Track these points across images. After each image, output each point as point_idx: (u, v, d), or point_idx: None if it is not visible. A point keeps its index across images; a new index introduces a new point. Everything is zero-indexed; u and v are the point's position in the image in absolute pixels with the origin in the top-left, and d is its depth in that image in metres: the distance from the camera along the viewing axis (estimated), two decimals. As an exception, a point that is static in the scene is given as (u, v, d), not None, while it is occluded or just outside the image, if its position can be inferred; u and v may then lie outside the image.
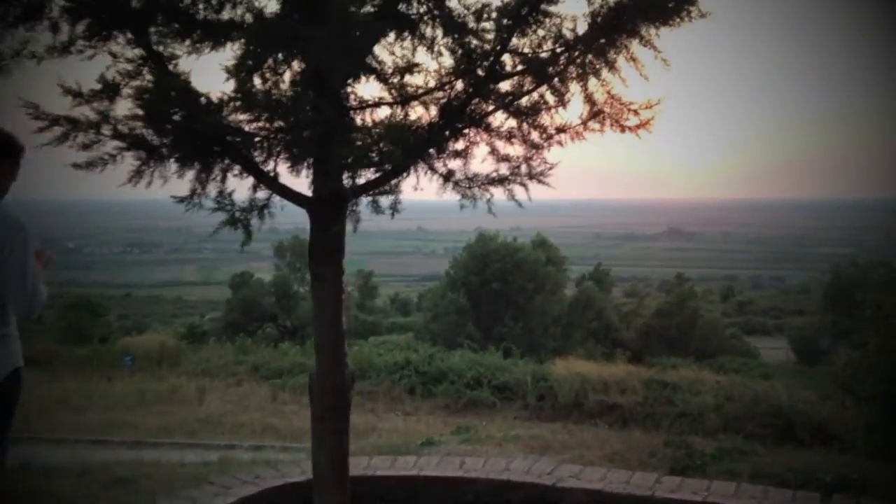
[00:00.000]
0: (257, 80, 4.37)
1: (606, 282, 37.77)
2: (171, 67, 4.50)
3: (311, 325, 18.96)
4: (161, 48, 4.49)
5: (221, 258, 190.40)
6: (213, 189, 5.03)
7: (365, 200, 5.53)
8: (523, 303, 26.08)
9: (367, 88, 4.95)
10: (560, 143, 5.31)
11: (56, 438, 12.70)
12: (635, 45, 4.76)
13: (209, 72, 4.54)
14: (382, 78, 4.68)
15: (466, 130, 5.20)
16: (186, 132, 4.48)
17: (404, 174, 5.38)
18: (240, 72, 4.19)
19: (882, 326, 10.62)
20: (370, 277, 56.60)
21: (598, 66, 4.87)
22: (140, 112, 4.42)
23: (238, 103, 4.29)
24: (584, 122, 5.23)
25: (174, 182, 4.83)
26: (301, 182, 5.17)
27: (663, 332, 30.69)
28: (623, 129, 5.12)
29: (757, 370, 26.88)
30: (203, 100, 4.41)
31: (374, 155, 4.79)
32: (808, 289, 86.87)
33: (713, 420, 14.61)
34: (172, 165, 4.75)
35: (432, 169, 5.41)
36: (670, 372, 16.98)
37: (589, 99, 5.08)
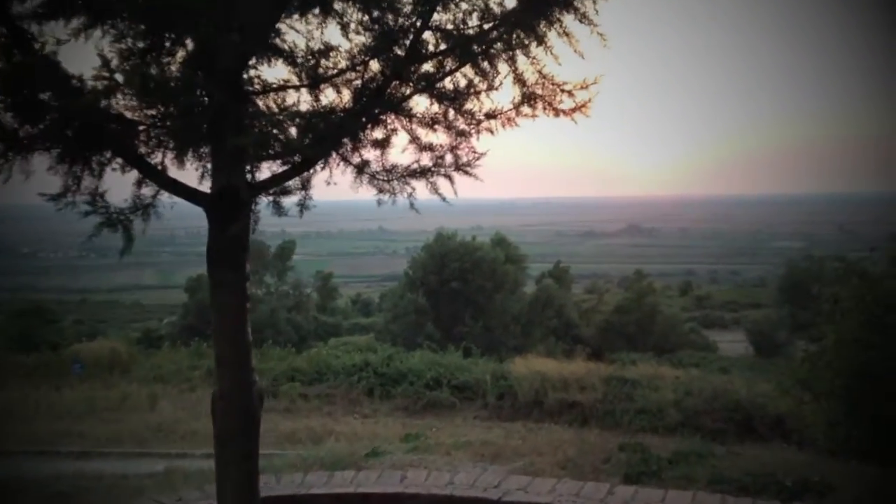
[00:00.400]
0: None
1: (566, 279, 37.86)
2: (42, 49, 3.79)
3: (270, 327, 18.52)
4: (29, 26, 3.75)
5: (180, 261, 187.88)
6: (90, 185, 4.37)
7: (266, 199, 4.87)
8: (483, 302, 25.94)
9: (278, 72, 4.29)
10: (490, 130, 4.79)
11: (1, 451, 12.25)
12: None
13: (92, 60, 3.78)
14: (291, 60, 4.12)
15: (384, 117, 4.61)
16: (58, 119, 3.84)
17: (315, 167, 4.76)
18: (127, 57, 3.58)
19: (839, 320, 10.58)
20: (329, 279, 56.23)
21: (527, 42, 4.33)
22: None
23: (126, 89, 3.65)
24: (516, 107, 4.69)
25: (44, 178, 4.09)
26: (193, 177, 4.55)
27: (623, 328, 30.80)
28: (557, 112, 4.59)
29: (715, 364, 26.97)
30: (76, 83, 3.78)
31: (276, 145, 4.23)
32: (763, 282, 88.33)
33: (672, 415, 14.58)
34: (40, 158, 4.05)
35: (346, 160, 4.82)
36: (630, 368, 16.94)
37: (519, 80, 4.55)
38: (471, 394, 15.85)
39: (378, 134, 4.68)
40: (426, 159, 4.91)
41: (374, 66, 4.38)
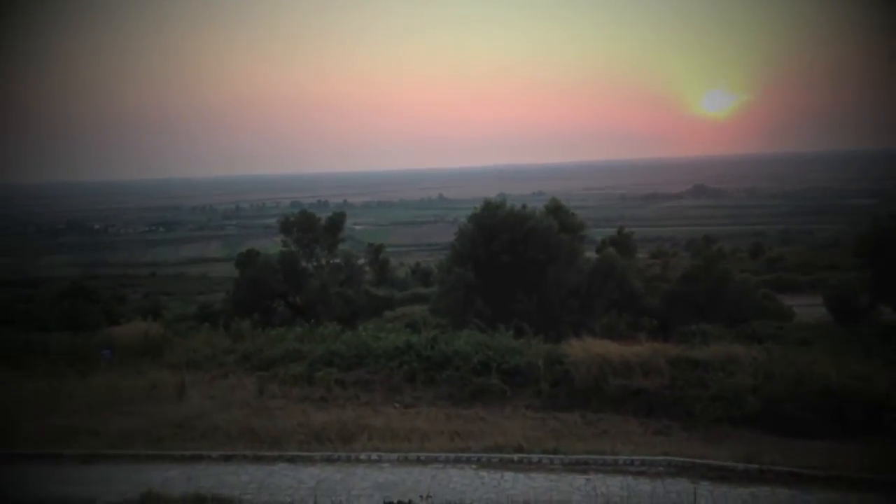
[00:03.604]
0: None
1: (630, 246, 35.88)
2: None
3: (320, 302, 17.21)
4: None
5: (245, 234, 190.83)
6: None
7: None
8: (536, 275, 24.19)
9: None
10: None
11: (4, 453, 11.27)
12: None
13: None
14: None
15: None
16: None
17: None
18: None
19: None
20: (381, 250, 54.98)
21: None
22: None
23: None
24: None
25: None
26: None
27: (691, 297, 28.74)
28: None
29: (794, 335, 24.83)
30: None
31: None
32: (838, 242, 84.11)
33: (752, 403, 12.88)
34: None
35: None
36: (700, 349, 15.07)
37: None
38: (522, 380, 14.31)
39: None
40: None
41: None
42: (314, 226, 35.77)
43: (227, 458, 10.97)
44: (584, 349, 14.53)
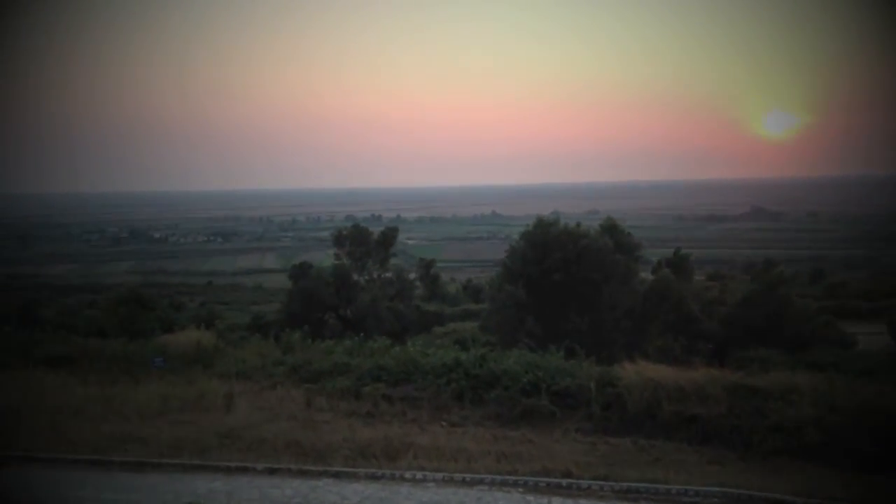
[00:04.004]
0: None
1: (686, 268, 35.15)
2: None
3: (371, 316, 17.22)
4: None
5: (300, 246, 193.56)
6: None
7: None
8: (589, 295, 23.75)
9: None
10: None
11: (53, 458, 11.40)
12: None
13: None
14: None
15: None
16: None
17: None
18: None
19: None
20: (432, 265, 54.99)
21: None
22: None
23: None
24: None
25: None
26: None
27: (749, 322, 28.01)
28: None
29: (857, 363, 23.96)
30: None
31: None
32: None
33: (812, 435, 12.36)
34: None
35: None
36: (759, 376, 14.53)
37: None
38: (573, 402, 13.94)
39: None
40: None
41: None
42: (366, 240, 35.99)
43: (272, 472, 10.91)
44: (638, 372, 14.14)
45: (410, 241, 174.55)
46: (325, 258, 55.69)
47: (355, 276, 35.51)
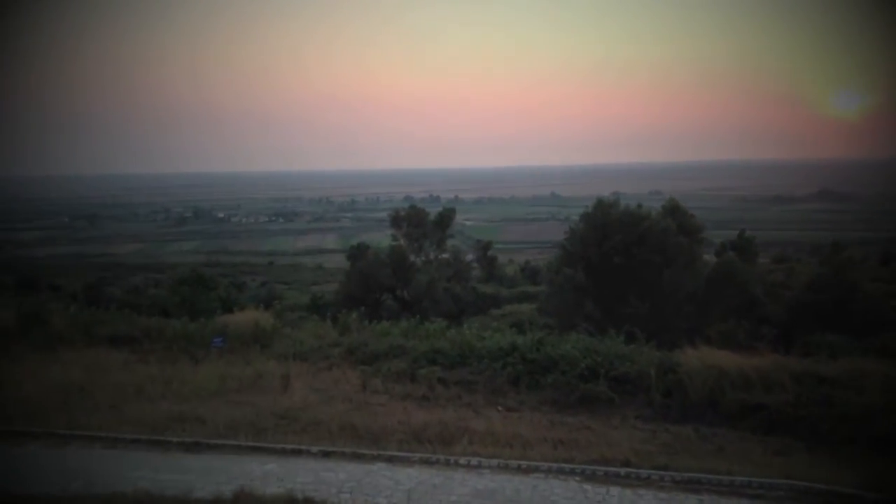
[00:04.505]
0: None
1: (751, 250, 34.14)
2: None
3: (427, 297, 17.15)
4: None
5: (359, 226, 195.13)
6: None
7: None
8: (651, 278, 23.14)
9: None
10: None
11: (112, 437, 11.56)
12: None
13: None
14: None
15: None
16: None
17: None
18: None
19: None
20: (490, 247, 54.62)
21: None
22: None
23: None
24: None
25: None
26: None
27: (817, 307, 27.04)
28: None
29: (931, 352, 22.96)
30: None
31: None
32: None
33: (882, 424, 11.81)
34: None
35: None
36: (827, 363, 13.97)
37: None
38: (632, 388, 13.62)
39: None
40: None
41: None
42: (423, 221, 35.85)
43: (326, 454, 10.88)
44: (700, 358, 13.73)
45: (468, 223, 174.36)
46: (383, 239, 55.83)
47: (412, 258, 35.44)
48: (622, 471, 10.23)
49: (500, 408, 13.50)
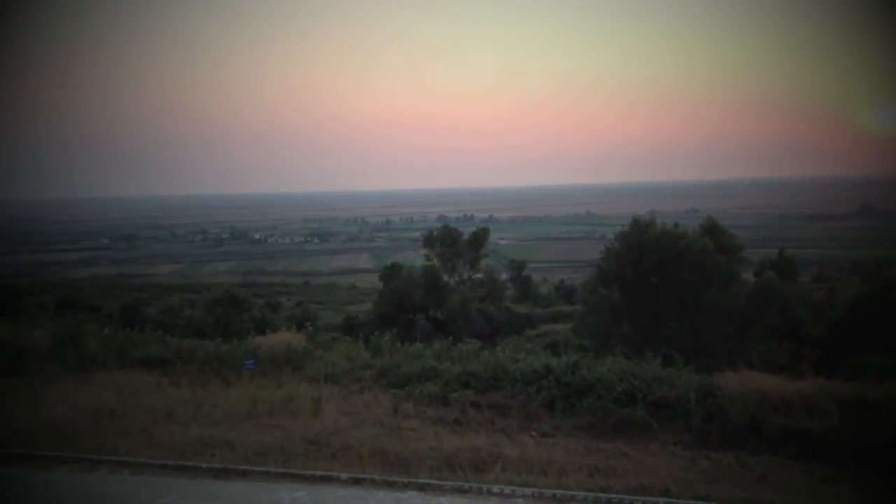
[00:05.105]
0: None
1: (791, 269, 33.46)
2: None
3: (461, 318, 16.92)
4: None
5: (394, 246, 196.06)
6: None
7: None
8: (689, 299, 22.68)
9: None
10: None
11: (141, 462, 11.44)
12: None
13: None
14: None
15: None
16: None
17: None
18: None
19: None
20: (523, 267, 54.23)
21: None
22: None
23: None
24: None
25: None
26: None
27: (861, 327, 26.35)
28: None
29: (983, 374, 22.16)
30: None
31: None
32: None
33: (936, 454, 11.31)
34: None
35: None
36: (873, 386, 13.45)
37: None
38: (671, 413, 13.19)
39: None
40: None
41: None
42: (456, 240, 35.71)
43: (357, 482, 10.66)
44: (741, 382, 13.29)
45: (503, 242, 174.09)
46: (417, 259, 55.82)
47: (445, 277, 35.28)
48: (661, 500, 9.87)
49: (534, 433, 13.19)
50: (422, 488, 10.41)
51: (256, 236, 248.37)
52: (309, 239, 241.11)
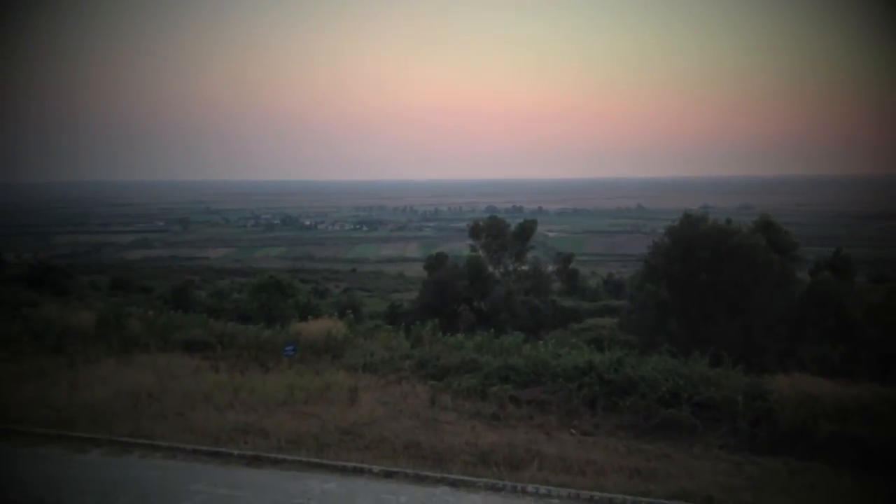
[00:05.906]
0: None
1: (848, 269, 32.32)
2: None
3: (505, 310, 16.62)
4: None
5: (441, 236, 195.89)
6: None
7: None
8: (739, 297, 21.92)
9: None
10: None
11: (174, 447, 11.38)
12: None
13: None
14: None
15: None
16: None
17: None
18: None
19: None
20: (570, 260, 53.50)
21: None
22: None
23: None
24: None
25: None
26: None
27: (921, 330, 25.33)
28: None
29: None
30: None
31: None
32: None
33: None
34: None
35: None
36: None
37: None
38: (717, 415, 12.70)
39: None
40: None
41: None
42: (502, 231, 35.30)
43: (389, 475, 10.44)
44: (792, 385, 12.74)
45: (551, 234, 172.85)
46: (463, 249, 55.52)
47: (490, 269, 34.91)
48: (705, 510, 9.44)
49: (573, 430, 12.82)
50: (454, 484, 10.15)
51: (307, 223, 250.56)
52: (358, 227, 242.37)
